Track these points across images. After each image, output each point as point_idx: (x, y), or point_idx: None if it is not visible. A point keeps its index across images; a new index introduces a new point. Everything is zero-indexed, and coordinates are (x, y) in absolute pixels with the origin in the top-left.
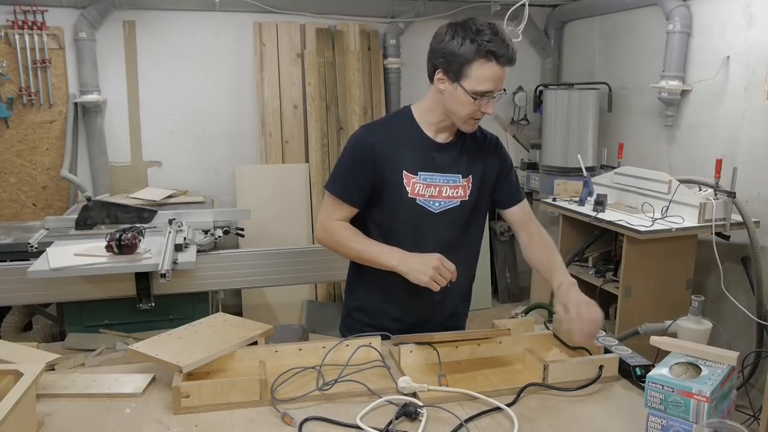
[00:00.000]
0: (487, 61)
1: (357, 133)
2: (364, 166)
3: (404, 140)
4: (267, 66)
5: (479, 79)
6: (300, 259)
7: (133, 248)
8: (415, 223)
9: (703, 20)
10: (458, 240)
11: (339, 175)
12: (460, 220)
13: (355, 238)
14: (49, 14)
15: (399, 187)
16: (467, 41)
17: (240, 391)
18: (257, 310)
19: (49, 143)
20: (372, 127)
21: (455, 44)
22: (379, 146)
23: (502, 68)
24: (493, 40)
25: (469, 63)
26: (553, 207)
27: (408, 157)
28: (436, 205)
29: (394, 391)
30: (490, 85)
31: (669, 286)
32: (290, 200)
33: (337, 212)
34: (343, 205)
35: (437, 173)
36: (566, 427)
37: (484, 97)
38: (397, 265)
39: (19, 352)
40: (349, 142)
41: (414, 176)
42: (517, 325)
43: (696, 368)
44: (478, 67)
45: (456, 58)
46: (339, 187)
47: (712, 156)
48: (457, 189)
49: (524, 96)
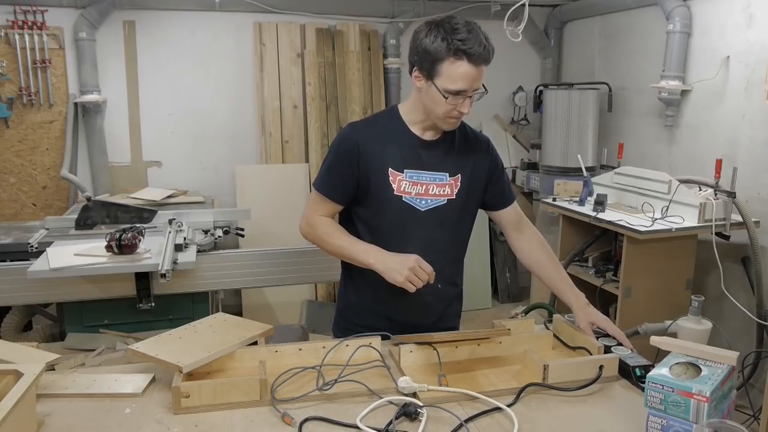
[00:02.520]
0: (458, 60)
1: (342, 131)
2: (348, 163)
3: (390, 138)
4: (267, 66)
5: (451, 78)
6: (300, 259)
7: (133, 248)
8: (401, 220)
9: (703, 20)
10: (446, 239)
11: (324, 172)
12: (448, 219)
13: (336, 233)
14: (49, 14)
15: (384, 184)
16: (439, 39)
17: (240, 391)
18: (257, 310)
19: (49, 143)
20: (358, 125)
21: (428, 42)
22: (363, 144)
23: (475, 67)
24: (465, 39)
25: (440, 61)
26: (553, 207)
27: (394, 154)
28: (423, 203)
29: (394, 391)
30: (462, 84)
31: (669, 286)
32: (290, 200)
33: (321, 208)
34: (326, 201)
35: (423, 171)
36: (566, 427)
37: (458, 96)
38: (374, 264)
39: (19, 352)
40: (335, 139)
41: (400, 174)
42: (517, 325)
43: (696, 368)
44: (449, 66)
45: (428, 56)
46: (324, 185)
47: (712, 156)
48: (443, 187)
49: (524, 96)
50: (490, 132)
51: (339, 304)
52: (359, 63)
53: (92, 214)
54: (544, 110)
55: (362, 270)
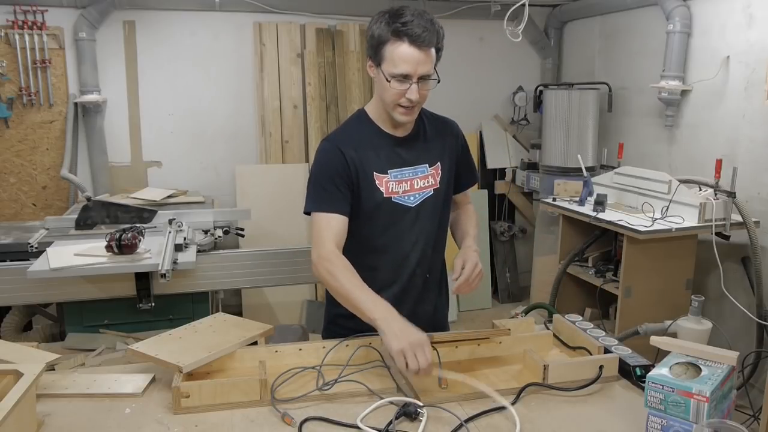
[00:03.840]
0: (399, 41)
1: (322, 147)
2: (341, 173)
3: (366, 142)
4: (267, 66)
5: (393, 61)
6: (300, 259)
7: (133, 248)
8: (393, 222)
9: (703, 20)
10: (434, 229)
11: (320, 190)
12: (435, 208)
13: (351, 276)
14: (49, 14)
15: (372, 189)
16: (382, 23)
17: (240, 391)
18: (257, 310)
19: (49, 143)
20: (333, 137)
21: (375, 27)
22: (347, 152)
23: (418, 50)
24: (407, 22)
25: (383, 44)
26: (553, 207)
27: (374, 158)
28: (412, 199)
29: (394, 391)
30: (404, 68)
31: (669, 286)
32: (290, 200)
33: (331, 231)
34: (334, 219)
35: (405, 167)
36: (566, 427)
37: (404, 82)
38: (377, 320)
39: (19, 352)
40: (316, 158)
41: (385, 175)
42: (517, 325)
43: (696, 368)
44: (390, 48)
45: (374, 40)
46: (325, 203)
47: (712, 156)
48: (427, 179)
49: (524, 96)
50: (490, 132)
51: (329, 310)
52: (359, 63)
53: (92, 214)
54: (544, 110)
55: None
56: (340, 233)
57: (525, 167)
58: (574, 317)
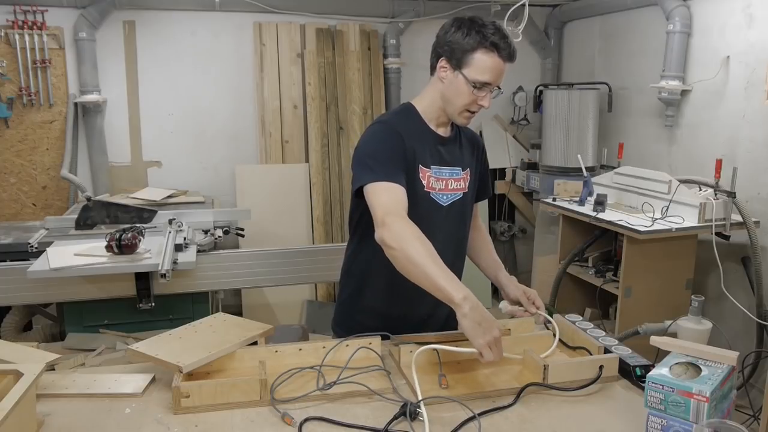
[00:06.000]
0: (490, 52)
1: (378, 128)
2: (399, 154)
3: (415, 134)
4: (267, 66)
5: (480, 69)
6: (300, 259)
7: (133, 248)
8: (428, 216)
9: (703, 20)
10: (461, 234)
11: (381, 164)
12: (461, 212)
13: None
14: (49, 14)
15: (416, 180)
16: (473, 32)
17: (240, 391)
18: (257, 310)
19: (49, 143)
20: (389, 121)
21: (460, 35)
22: (405, 137)
23: (503, 62)
24: (496, 34)
25: (472, 51)
26: (553, 207)
27: (421, 150)
28: (444, 198)
29: (394, 391)
30: (489, 76)
31: (669, 286)
32: (290, 200)
33: (400, 198)
34: (399, 188)
35: (444, 167)
36: (566, 427)
37: (483, 89)
38: (460, 301)
39: (19, 352)
40: (373, 137)
41: (428, 170)
42: (517, 325)
43: (696, 368)
44: (480, 57)
45: (460, 46)
46: (390, 176)
47: (712, 156)
48: (459, 181)
49: (524, 96)
50: (490, 132)
51: (339, 300)
52: (359, 63)
53: (92, 214)
54: (544, 110)
55: (359, 266)
56: (406, 204)
57: (525, 167)
58: (574, 317)
